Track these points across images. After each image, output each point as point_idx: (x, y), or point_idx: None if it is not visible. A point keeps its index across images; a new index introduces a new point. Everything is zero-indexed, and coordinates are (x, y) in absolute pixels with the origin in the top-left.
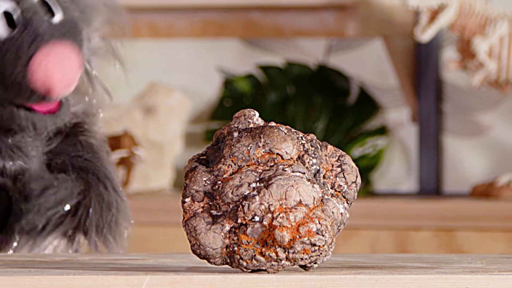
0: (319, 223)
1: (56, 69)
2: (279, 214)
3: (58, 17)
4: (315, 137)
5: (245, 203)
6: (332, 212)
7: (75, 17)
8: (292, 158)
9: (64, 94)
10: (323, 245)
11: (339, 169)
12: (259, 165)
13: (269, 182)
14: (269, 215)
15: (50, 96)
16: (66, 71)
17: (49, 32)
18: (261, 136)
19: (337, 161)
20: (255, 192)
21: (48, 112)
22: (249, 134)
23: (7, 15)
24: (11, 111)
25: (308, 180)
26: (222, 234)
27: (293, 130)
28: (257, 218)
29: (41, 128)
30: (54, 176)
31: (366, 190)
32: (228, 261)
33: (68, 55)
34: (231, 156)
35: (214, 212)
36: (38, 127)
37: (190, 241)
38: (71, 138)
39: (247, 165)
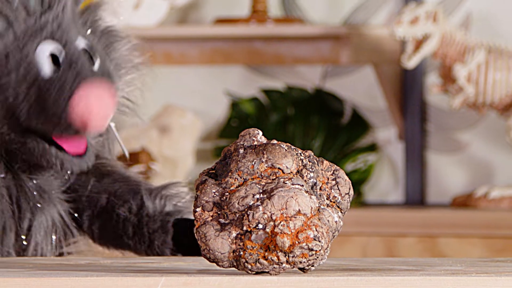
0: (316, 230)
1: (94, 106)
2: (280, 222)
3: (97, 65)
4: (313, 153)
5: (250, 212)
6: (328, 221)
7: (111, 69)
8: (292, 172)
9: (98, 130)
10: (320, 250)
11: (334, 182)
12: (262, 178)
13: (271, 194)
14: (271, 223)
15: (86, 131)
16: (102, 109)
17: (89, 74)
18: (264, 152)
19: (332, 174)
20: (258, 203)
21: (76, 154)
22: (253, 150)
23: (53, 56)
24: (43, 147)
25: (306, 191)
26: (229, 240)
27: (292, 147)
28: (260, 226)
29: (67, 169)
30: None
31: (358, 201)
32: (235, 264)
33: (105, 95)
34: (237, 170)
35: (222, 220)
36: (65, 167)
37: (200, 246)
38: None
39: (251, 178)
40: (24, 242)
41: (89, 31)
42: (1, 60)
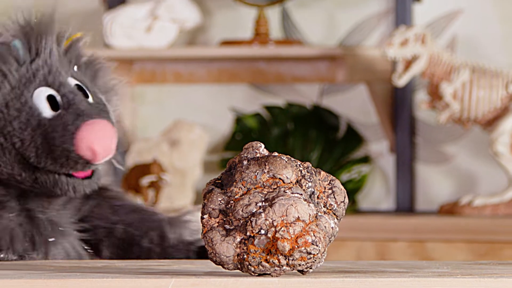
0: (314, 235)
1: (98, 140)
2: (281, 228)
3: (90, 99)
4: (311, 165)
5: (253, 219)
6: (325, 227)
7: (102, 99)
8: (291, 182)
9: (104, 160)
10: (317, 254)
11: (330, 191)
12: (264, 187)
13: (273, 202)
14: (273, 229)
15: (94, 163)
16: (106, 142)
17: (88, 110)
18: (266, 164)
19: (328, 184)
20: (261, 210)
21: (85, 177)
22: (256, 162)
23: (51, 98)
24: (54, 178)
25: (305, 200)
26: (234, 244)
27: (292, 159)
28: (262, 231)
29: (80, 192)
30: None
31: (352, 208)
32: (239, 266)
33: (106, 128)
34: (241, 180)
35: (227, 226)
36: (78, 190)
37: (207, 250)
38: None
39: (254, 188)
40: None
41: (75, 68)
42: (2, 110)
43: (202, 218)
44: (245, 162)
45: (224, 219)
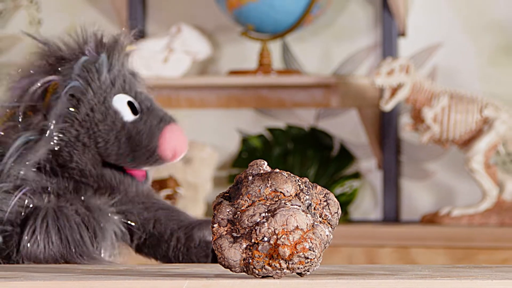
0: (311, 242)
1: (178, 142)
2: (282, 235)
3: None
4: (308, 180)
5: (257, 228)
6: (320, 234)
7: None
8: (291, 195)
9: (180, 159)
10: (314, 258)
11: (325, 203)
12: (267, 200)
13: (275, 213)
14: (275, 236)
15: (170, 162)
16: (183, 144)
17: (166, 116)
18: (269, 179)
19: (323, 197)
20: (264, 220)
21: (143, 179)
22: (260, 177)
23: (130, 104)
24: (120, 177)
25: (303, 211)
26: (241, 250)
27: (292, 175)
28: (266, 239)
29: (139, 191)
30: None
31: (345, 218)
32: (245, 269)
33: (182, 132)
34: (247, 194)
35: (234, 234)
36: (139, 190)
37: (217, 255)
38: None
39: (258, 200)
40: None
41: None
42: (88, 114)
43: (212, 226)
44: (250, 178)
45: (232, 227)
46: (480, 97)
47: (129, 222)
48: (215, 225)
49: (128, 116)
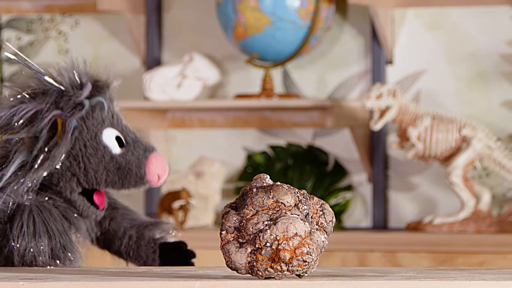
0: (309, 247)
1: (161, 167)
2: (283, 241)
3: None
4: (306, 192)
5: (260, 234)
6: (317, 240)
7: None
8: (291, 205)
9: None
10: (311, 262)
11: (321, 212)
12: (269, 210)
13: (276, 221)
14: (276, 242)
15: (158, 183)
16: (165, 168)
17: (149, 146)
18: (271, 191)
19: (320, 207)
20: (267, 227)
21: (102, 209)
22: (263, 190)
23: (118, 138)
24: (88, 206)
25: (301, 219)
26: (246, 254)
27: (291, 187)
28: (268, 244)
29: (97, 218)
30: None
31: (338, 226)
32: (250, 271)
33: (163, 159)
34: (251, 204)
35: (240, 240)
36: (96, 217)
37: (225, 259)
38: None
39: (262, 210)
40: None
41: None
42: (81, 149)
43: (220, 233)
44: (254, 190)
45: (238, 234)
46: (459, 118)
47: None
48: (223, 232)
49: (115, 149)
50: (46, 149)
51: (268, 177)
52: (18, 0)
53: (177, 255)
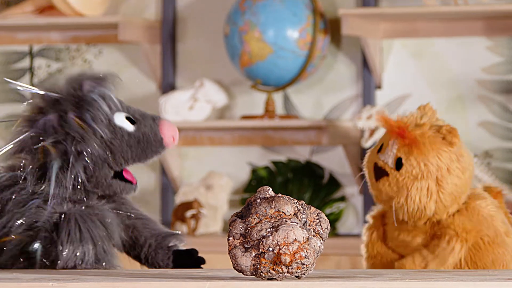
0: (306, 251)
1: (173, 129)
2: (283, 246)
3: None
4: (304, 202)
5: (263, 240)
6: (314, 245)
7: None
8: (291, 214)
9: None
10: (309, 264)
11: (317, 221)
12: (271, 218)
13: (278, 228)
14: (277, 247)
15: (175, 142)
16: (175, 129)
17: (155, 115)
18: (273, 202)
19: (316, 216)
20: (269, 234)
21: (135, 184)
22: (266, 200)
23: (128, 118)
24: (123, 184)
25: (300, 227)
26: (251, 258)
27: (291, 198)
28: (270, 249)
29: (133, 193)
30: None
31: (333, 233)
32: (254, 273)
33: (171, 123)
34: (256, 213)
35: (246, 245)
36: (134, 192)
37: (232, 262)
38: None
39: (265, 218)
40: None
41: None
42: (102, 136)
43: (228, 239)
44: (258, 201)
45: (244, 240)
46: None
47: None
48: (230, 238)
49: (129, 127)
50: (73, 148)
51: (271, 189)
52: (48, 32)
53: (189, 261)
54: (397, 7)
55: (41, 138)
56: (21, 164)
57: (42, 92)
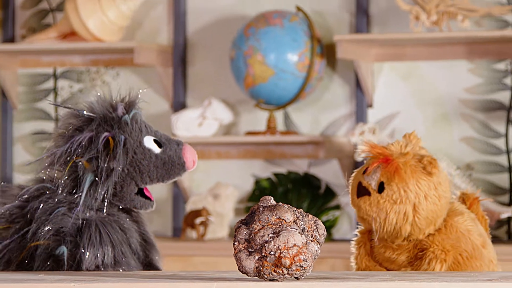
0: (305, 255)
1: (193, 154)
2: (284, 250)
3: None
4: (303, 210)
5: (266, 245)
6: (312, 249)
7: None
8: (291, 221)
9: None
10: (307, 267)
11: (315, 227)
12: (273, 225)
13: (279, 234)
14: (278, 251)
15: (194, 166)
16: (195, 154)
17: (179, 141)
18: (274, 210)
19: (314, 223)
20: (271, 239)
21: (152, 199)
22: (268, 209)
23: (155, 141)
24: (143, 200)
25: (299, 232)
26: (254, 260)
27: (291, 206)
28: (272, 253)
29: (150, 209)
30: None
31: (329, 238)
32: (257, 275)
33: (191, 148)
34: (259, 220)
35: (250, 249)
36: (148, 208)
37: (237, 264)
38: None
39: (267, 225)
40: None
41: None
42: (133, 156)
43: (233, 244)
44: (261, 209)
45: (248, 244)
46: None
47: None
48: (235, 243)
49: (157, 150)
50: (106, 165)
51: (272, 198)
52: (70, 56)
53: None
54: (386, 33)
55: (76, 154)
56: (53, 176)
57: (80, 112)
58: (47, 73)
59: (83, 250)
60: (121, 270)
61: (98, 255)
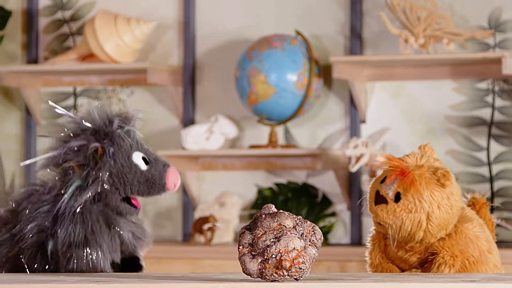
0: (303, 258)
1: (176, 177)
2: (284, 254)
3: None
4: (302, 217)
5: (268, 249)
6: (310, 253)
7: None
8: (290, 227)
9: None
10: (305, 269)
11: (312, 232)
12: (274, 230)
13: (279, 238)
14: (279, 254)
15: (175, 189)
16: (178, 177)
17: (166, 162)
18: (276, 217)
19: (312, 228)
20: (273, 243)
21: (139, 207)
22: (270, 215)
23: (143, 158)
24: (130, 207)
25: (298, 237)
26: (257, 263)
27: (291, 214)
28: (273, 256)
29: (136, 216)
30: None
31: (325, 243)
32: (260, 276)
33: (176, 171)
34: (261, 226)
35: (253, 253)
36: (135, 215)
37: (241, 267)
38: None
39: (269, 230)
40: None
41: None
42: (119, 168)
43: (238, 248)
44: (263, 216)
45: (251, 248)
46: None
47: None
48: (240, 247)
49: (143, 166)
50: (93, 172)
51: (274, 206)
52: (88, 76)
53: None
54: (378, 55)
55: (67, 158)
56: (46, 178)
57: (78, 120)
58: (67, 91)
59: (59, 230)
60: (89, 250)
61: (69, 233)
